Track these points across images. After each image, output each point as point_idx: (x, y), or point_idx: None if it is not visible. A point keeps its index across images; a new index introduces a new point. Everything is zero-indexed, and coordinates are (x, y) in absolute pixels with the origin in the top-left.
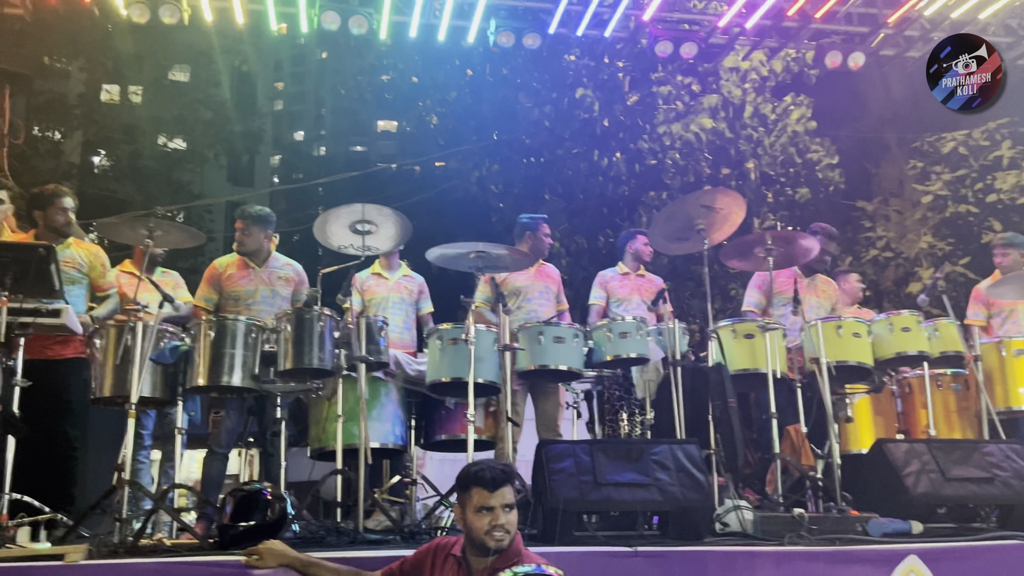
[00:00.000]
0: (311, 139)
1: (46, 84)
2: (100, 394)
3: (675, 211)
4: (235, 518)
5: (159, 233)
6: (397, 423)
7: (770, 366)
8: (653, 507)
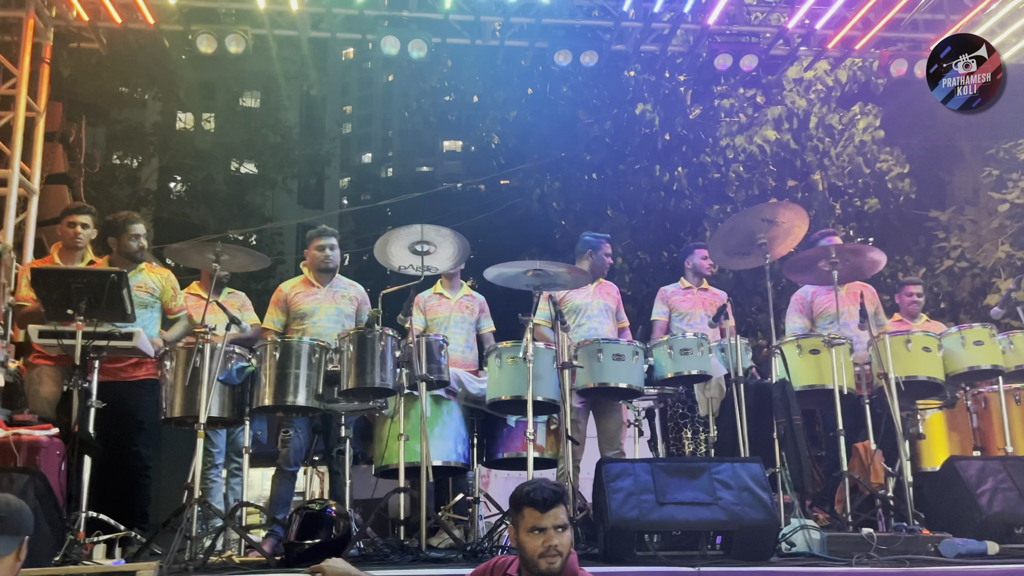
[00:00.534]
0: (378, 161)
1: (123, 113)
2: (170, 414)
3: (736, 225)
4: (301, 536)
5: (225, 257)
6: (459, 441)
7: (836, 382)
8: (716, 527)
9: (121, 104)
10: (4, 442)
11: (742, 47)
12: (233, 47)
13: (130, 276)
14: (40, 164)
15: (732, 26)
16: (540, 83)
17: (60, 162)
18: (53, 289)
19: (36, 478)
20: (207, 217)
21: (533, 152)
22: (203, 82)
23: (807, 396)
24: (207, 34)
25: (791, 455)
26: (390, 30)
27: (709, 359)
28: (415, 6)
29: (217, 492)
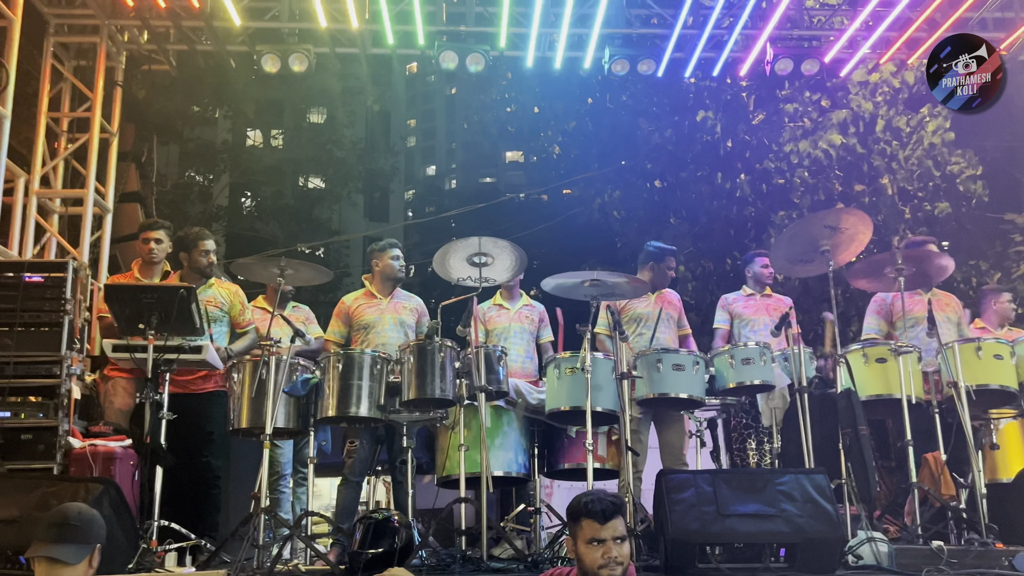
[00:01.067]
0: (442, 173)
1: (194, 132)
2: (238, 425)
3: (798, 232)
4: (364, 545)
5: (290, 271)
6: (520, 452)
7: (904, 391)
8: (779, 539)
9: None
10: (81, 453)
11: (803, 52)
12: (296, 66)
13: (200, 291)
14: (114, 183)
15: (793, 31)
16: (599, 92)
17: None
18: (125, 305)
19: (111, 488)
20: (276, 232)
21: (594, 161)
22: (271, 100)
23: (874, 406)
24: (271, 54)
25: (857, 466)
26: (449, 45)
27: (772, 368)
28: (472, 21)
29: (285, 503)
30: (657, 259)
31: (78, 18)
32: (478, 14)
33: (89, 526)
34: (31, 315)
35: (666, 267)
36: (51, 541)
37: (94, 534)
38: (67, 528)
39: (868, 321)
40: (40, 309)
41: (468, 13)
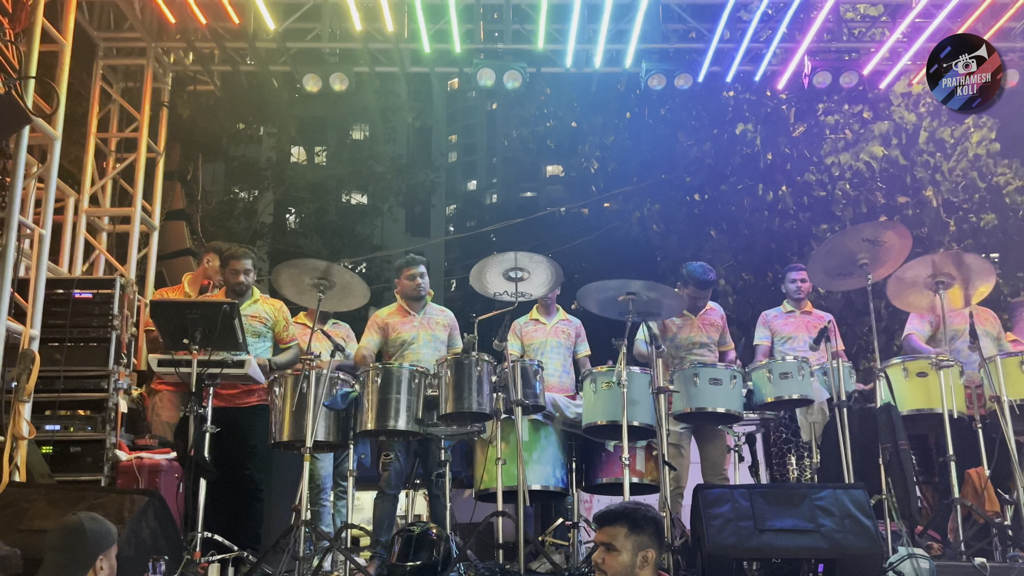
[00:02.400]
0: (483, 188)
1: (239, 150)
2: (279, 438)
3: (836, 246)
4: (402, 558)
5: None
6: (558, 466)
7: (945, 405)
8: (817, 554)
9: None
10: (127, 465)
11: (842, 64)
12: (337, 85)
13: (245, 306)
14: (160, 202)
15: (831, 43)
16: (638, 106)
17: (179, 199)
18: (170, 320)
19: (155, 499)
20: (319, 247)
21: (633, 175)
22: (314, 117)
23: (915, 420)
24: (312, 74)
25: (897, 481)
26: (486, 63)
27: (811, 383)
28: (510, 38)
29: (326, 516)
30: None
31: (126, 41)
32: (515, 31)
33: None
34: (80, 331)
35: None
36: None
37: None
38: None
39: (912, 322)
40: (89, 325)
41: (505, 31)
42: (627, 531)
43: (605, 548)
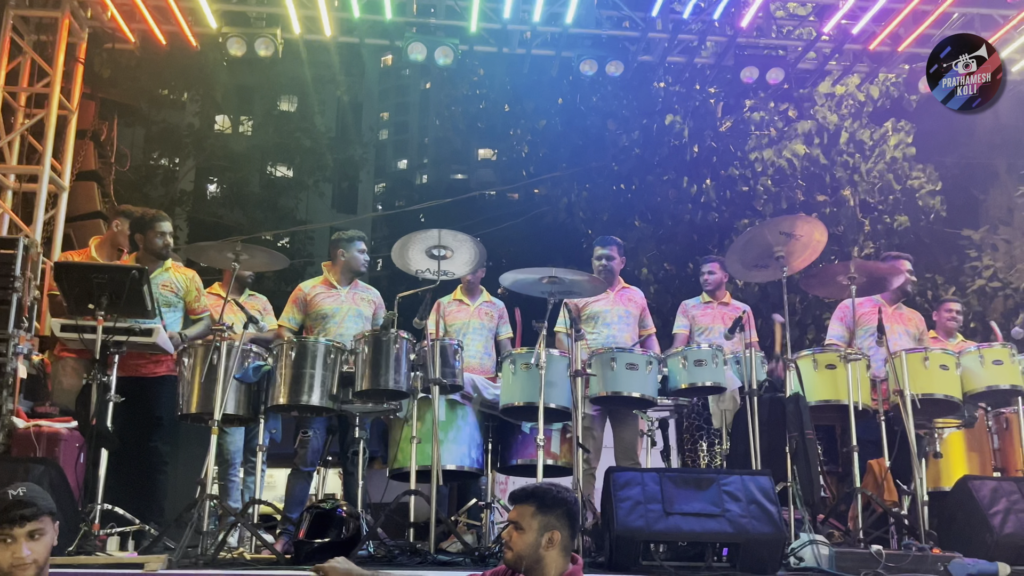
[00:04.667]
0: (414, 167)
1: (161, 115)
2: (187, 410)
3: (753, 238)
4: (310, 534)
5: (245, 257)
6: (474, 446)
7: (851, 397)
8: (722, 538)
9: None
10: (25, 433)
11: (769, 60)
12: (263, 51)
13: (156, 275)
14: (71, 161)
15: (760, 39)
16: (570, 93)
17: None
18: (75, 284)
19: (51, 468)
20: (240, 219)
21: (563, 161)
22: (241, 86)
23: (822, 411)
24: (237, 37)
25: (802, 469)
26: (417, 37)
27: (724, 371)
28: (442, 14)
29: (235, 492)
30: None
31: None
32: (448, 7)
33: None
34: None
35: (594, 257)
36: None
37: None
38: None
39: (833, 327)
40: None
41: (439, 6)
42: (535, 510)
43: (514, 527)
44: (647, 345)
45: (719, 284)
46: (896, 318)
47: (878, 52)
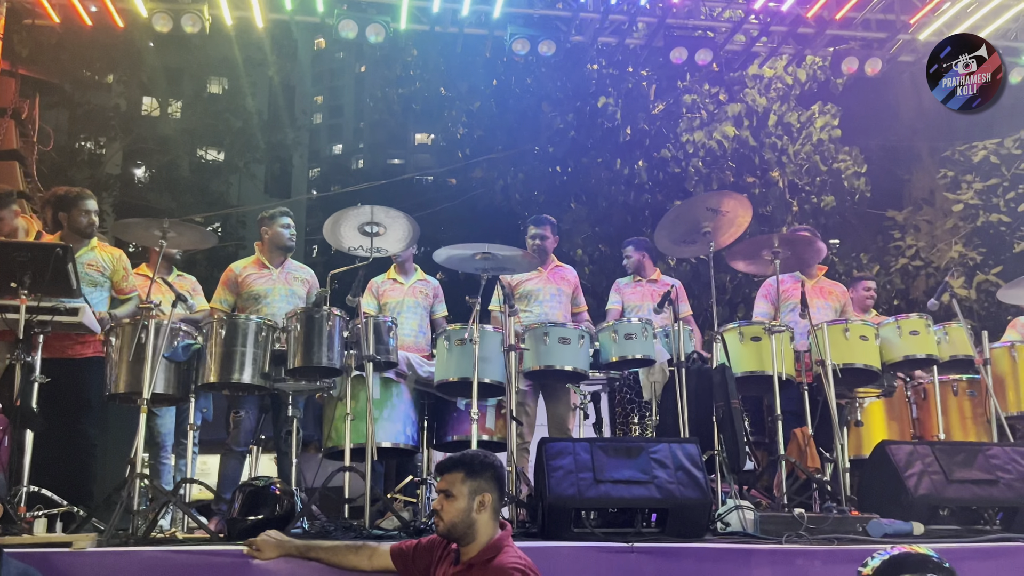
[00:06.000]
0: (349, 152)
1: (86, 96)
2: (115, 390)
3: (681, 214)
4: (244, 512)
5: (172, 234)
6: (408, 423)
7: (775, 368)
8: (650, 504)
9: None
10: None
11: (697, 41)
12: (189, 27)
13: (81, 254)
14: None
15: (689, 20)
16: (504, 74)
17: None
18: None
19: None
20: (170, 203)
21: (498, 144)
22: (169, 68)
23: (748, 382)
24: (162, 13)
25: (729, 437)
26: (348, 14)
27: (653, 344)
28: None
29: (166, 474)
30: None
31: None
32: None
33: None
34: None
35: (527, 236)
36: None
37: None
38: None
39: (758, 305)
40: None
41: None
42: (464, 476)
43: (444, 495)
44: (579, 323)
45: (638, 265)
46: (817, 292)
47: (804, 34)
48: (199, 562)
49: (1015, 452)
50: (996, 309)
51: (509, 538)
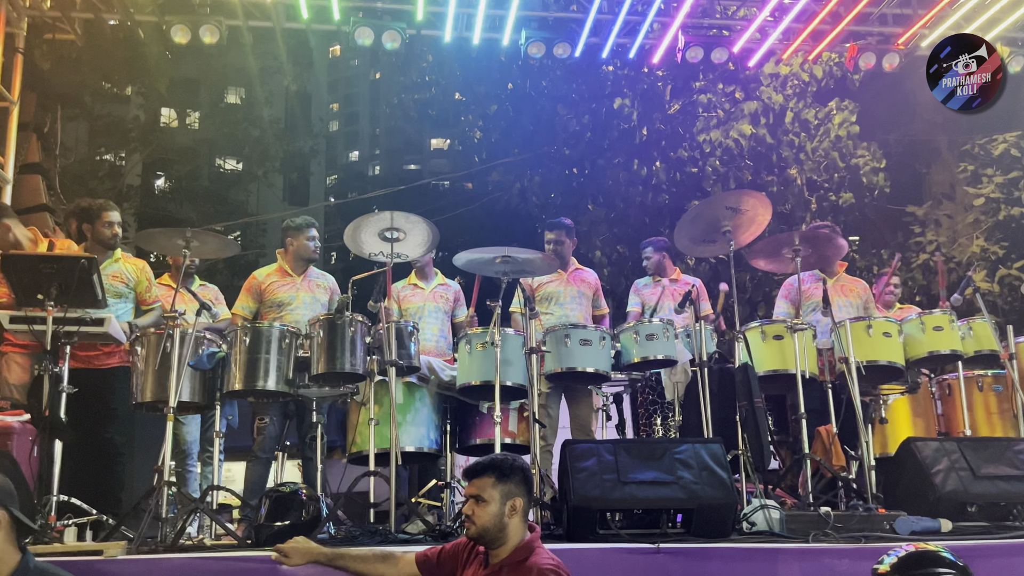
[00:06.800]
0: (366, 159)
1: (105, 108)
2: (141, 399)
3: (700, 213)
4: (270, 518)
5: (196, 243)
6: (432, 428)
7: (799, 366)
8: (676, 505)
9: (103, 99)
10: None
11: (713, 40)
12: (207, 37)
13: (106, 265)
14: (14, 154)
15: (704, 19)
16: (520, 78)
17: (34, 152)
18: (23, 274)
19: (5, 460)
20: (190, 213)
21: (515, 147)
22: (187, 78)
23: (771, 381)
24: (181, 24)
25: (752, 437)
26: (364, 21)
27: (675, 344)
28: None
29: (193, 481)
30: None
31: None
32: None
33: None
34: None
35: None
36: None
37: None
38: None
39: (778, 305)
40: None
41: None
42: (495, 480)
43: (475, 500)
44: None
45: (658, 265)
46: (838, 290)
47: (818, 31)
48: (227, 568)
49: None
50: (1020, 303)
51: (538, 540)
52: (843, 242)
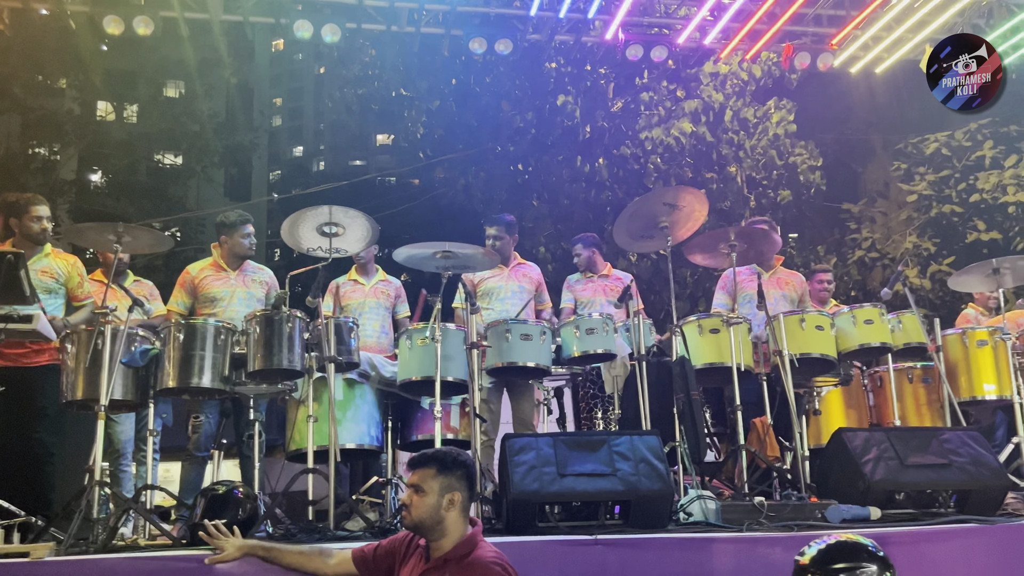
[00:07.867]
0: (311, 154)
1: (38, 101)
2: (71, 397)
3: (638, 209)
4: (206, 516)
5: (127, 239)
6: (372, 424)
7: (734, 359)
8: (613, 496)
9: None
10: None
11: (652, 38)
12: (141, 29)
13: (35, 260)
14: None
15: (643, 17)
16: (463, 73)
17: None
18: None
19: None
20: (128, 208)
21: (459, 143)
22: (123, 71)
23: (708, 374)
24: (113, 15)
25: (689, 429)
26: (303, 14)
27: (614, 338)
28: None
29: (127, 482)
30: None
31: None
32: None
33: None
34: None
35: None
36: None
37: None
38: None
39: (716, 297)
40: None
41: None
42: (435, 472)
43: (414, 490)
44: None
45: (588, 262)
46: (775, 283)
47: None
48: (160, 568)
49: (967, 436)
50: (950, 298)
51: (481, 534)
52: (778, 238)
